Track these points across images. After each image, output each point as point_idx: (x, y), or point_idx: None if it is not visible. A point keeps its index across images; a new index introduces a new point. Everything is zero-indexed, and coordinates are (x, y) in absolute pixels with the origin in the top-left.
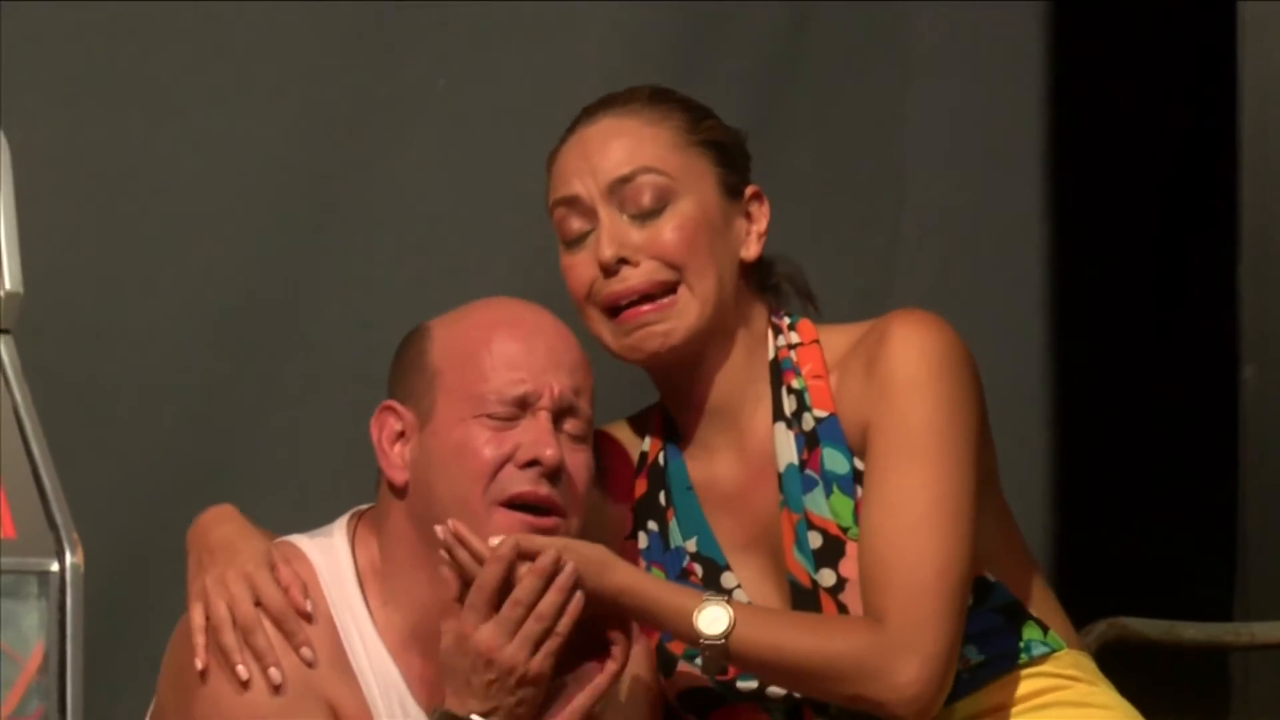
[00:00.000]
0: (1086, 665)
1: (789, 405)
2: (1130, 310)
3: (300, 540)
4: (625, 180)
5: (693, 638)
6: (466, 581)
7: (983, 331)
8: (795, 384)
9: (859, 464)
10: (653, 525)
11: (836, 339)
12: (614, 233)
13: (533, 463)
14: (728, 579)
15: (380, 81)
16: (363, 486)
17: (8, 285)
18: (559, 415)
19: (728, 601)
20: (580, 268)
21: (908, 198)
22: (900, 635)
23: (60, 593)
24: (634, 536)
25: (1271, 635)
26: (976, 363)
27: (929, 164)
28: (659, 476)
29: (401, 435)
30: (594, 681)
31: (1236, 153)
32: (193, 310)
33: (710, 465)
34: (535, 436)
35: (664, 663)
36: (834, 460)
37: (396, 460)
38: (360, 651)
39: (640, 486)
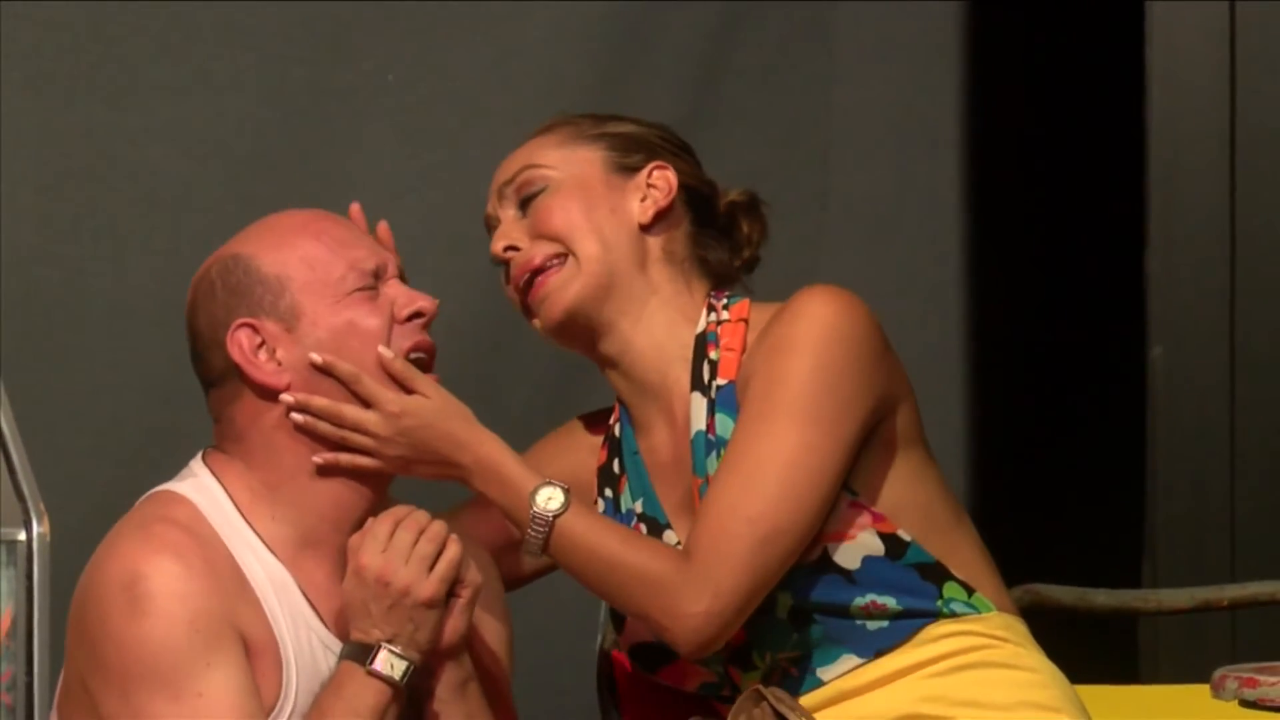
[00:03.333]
0: (1017, 628)
1: (706, 375)
2: (1044, 294)
3: (171, 486)
4: (509, 182)
5: (524, 511)
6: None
7: (902, 313)
8: (713, 355)
9: None
10: (609, 492)
11: (762, 316)
12: (500, 230)
13: (415, 315)
14: (669, 536)
15: (333, 75)
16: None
17: None
18: (402, 278)
19: (568, 492)
20: (503, 275)
21: (832, 186)
22: (697, 571)
23: (28, 561)
24: (596, 501)
25: (1177, 601)
26: (883, 338)
27: (852, 154)
28: (615, 445)
29: (262, 345)
30: (459, 602)
31: (1145, 143)
32: (156, 290)
33: (649, 434)
34: (405, 293)
35: (616, 620)
36: (724, 425)
37: (271, 368)
38: (259, 573)
39: (602, 455)
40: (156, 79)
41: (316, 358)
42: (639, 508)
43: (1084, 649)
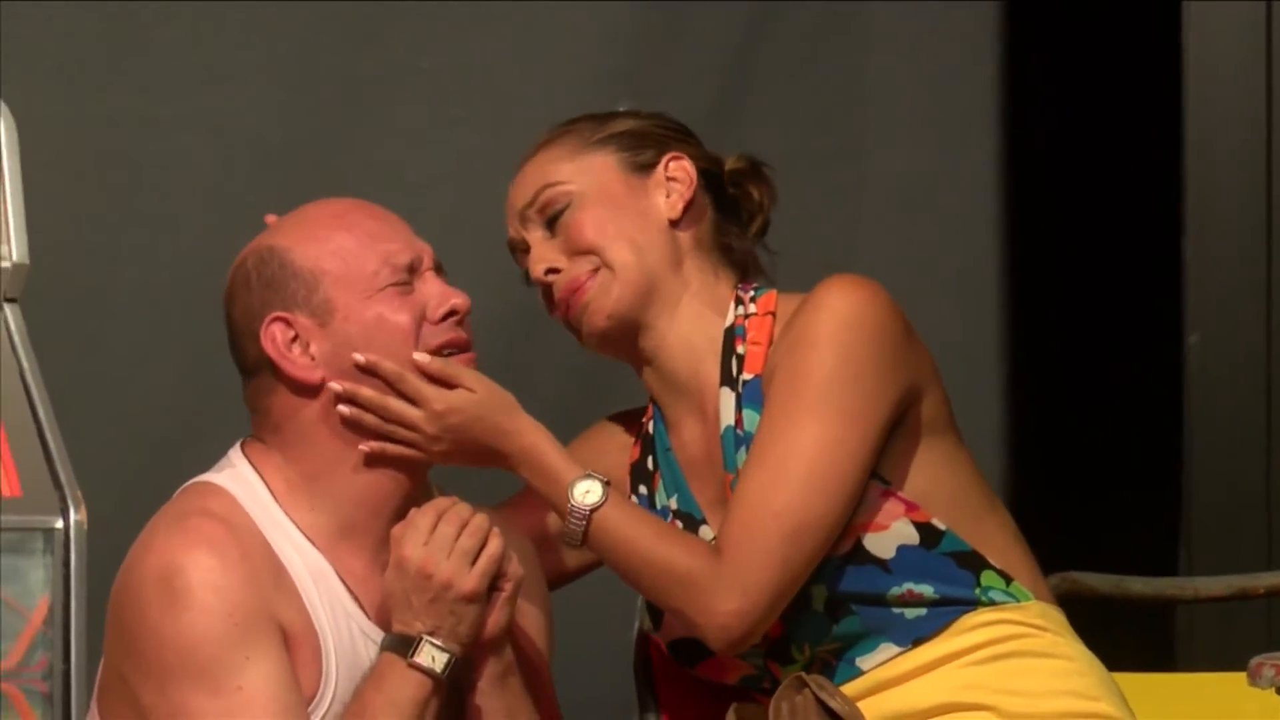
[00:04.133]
0: (1055, 617)
1: (734, 369)
2: (1080, 281)
3: (210, 477)
4: (530, 204)
5: (564, 502)
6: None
7: (938, 301)
8: (740, 350)
9: None
10: (643, 489)
11: (788, 308)
12: (536, 254)
13: (449, 314)
14: (705, 532)
15: (364, 64)
16: None
17: (14, 257)
18: (438, 271)
19: (608, 485)
20: (542, 296)
21: (868, 173)
22: (729, 568)
23: (64, 549)
24: (630, 498)
25: (1214, 589)
26: (906, 326)
27: (887, 141)
28: (649, 442)
29: (296, 339)
30: (502, 595)
31: (1181, 130)
32: (187, 279)
33: (680, 430)
34: (439, 291)
35: (654, 615)
36: (751, 420)
37: (305, 362)
38: (297, 563)
39: (635, 452)
40: (187, 68)
41: (360, 358)
42: (674, 504)
43: (1121, 637)
